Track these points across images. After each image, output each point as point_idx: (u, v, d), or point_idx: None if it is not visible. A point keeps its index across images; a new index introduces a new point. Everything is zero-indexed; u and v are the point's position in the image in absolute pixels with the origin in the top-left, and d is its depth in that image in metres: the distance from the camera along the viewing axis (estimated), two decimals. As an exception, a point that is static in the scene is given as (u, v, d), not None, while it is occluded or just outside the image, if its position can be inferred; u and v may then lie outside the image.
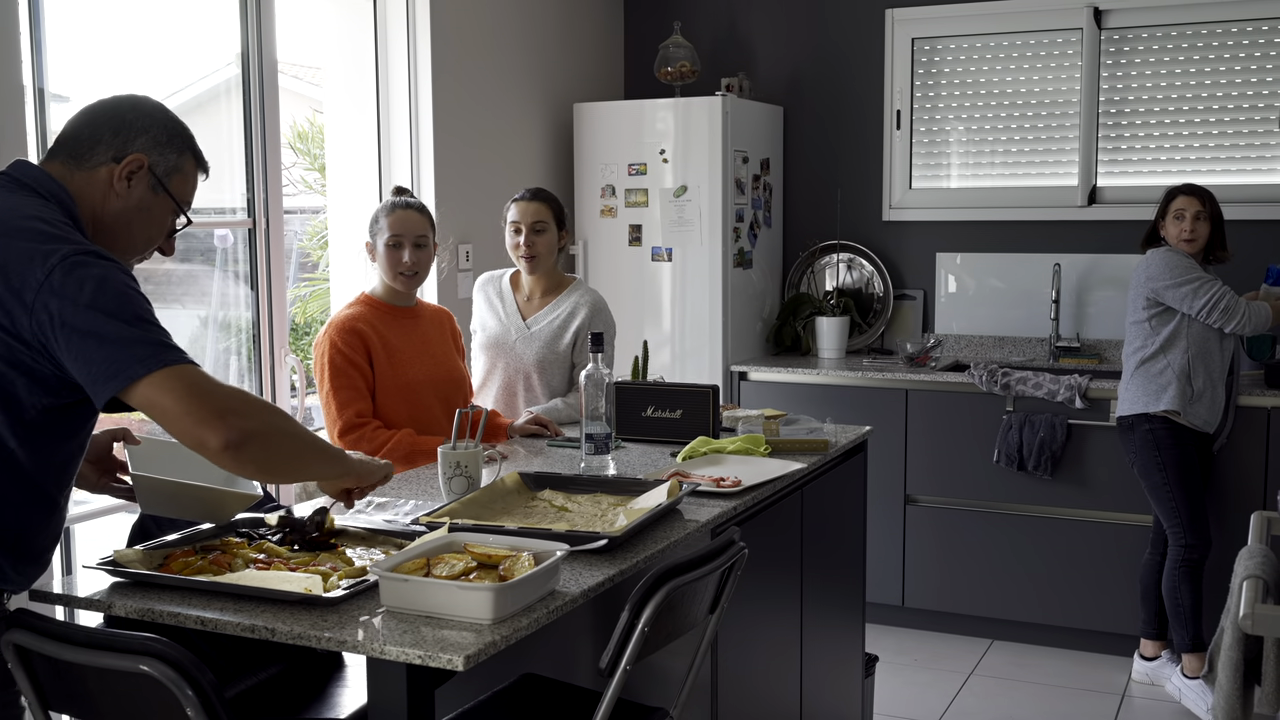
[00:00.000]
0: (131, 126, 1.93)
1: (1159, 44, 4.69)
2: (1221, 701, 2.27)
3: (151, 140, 1.93)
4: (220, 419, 1.71)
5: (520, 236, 3.48)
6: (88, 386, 1.73)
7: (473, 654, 1.69)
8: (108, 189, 1.90)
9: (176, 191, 1.97)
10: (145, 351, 1.71)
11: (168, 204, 1.96)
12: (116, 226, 1.92)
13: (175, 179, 1.96)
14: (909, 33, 5.02)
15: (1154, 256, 3.94)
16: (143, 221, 1.94)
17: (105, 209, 1.91)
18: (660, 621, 1.93)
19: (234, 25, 3.68)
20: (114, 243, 1.92)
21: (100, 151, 1.91)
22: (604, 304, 3.57)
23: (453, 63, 4.38)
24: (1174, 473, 3.91)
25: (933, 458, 4.54)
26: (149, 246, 2.00)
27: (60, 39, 3.16)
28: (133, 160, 1.91)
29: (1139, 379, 3.95)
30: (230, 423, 1.71)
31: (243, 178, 3.76)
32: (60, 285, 1.70)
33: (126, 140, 1.92)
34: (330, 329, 3.11)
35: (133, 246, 1.97)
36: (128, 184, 1.91)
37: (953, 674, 4.26)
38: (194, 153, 2.00)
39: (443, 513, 2.30)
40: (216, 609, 1.87)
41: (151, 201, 1.94)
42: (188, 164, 1.98)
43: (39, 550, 1.90)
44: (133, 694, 1.71)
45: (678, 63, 5.09)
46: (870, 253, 5.12)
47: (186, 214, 2.01)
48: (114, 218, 1.92)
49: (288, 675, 2.44)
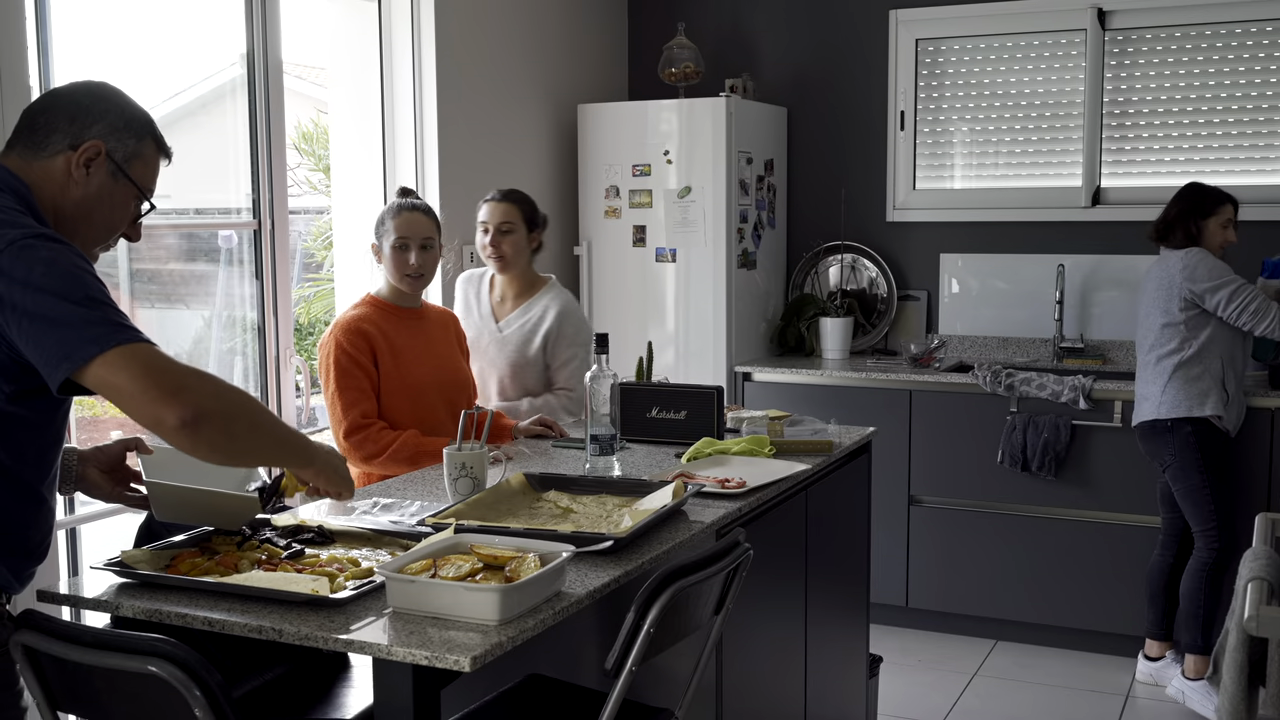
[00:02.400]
0: (88, 113, 1.91)
1: (1163, 45, 4.69)
2: (1226, 703, 2.27)
3: (108, 126, 1.91)
4: (175, 396, 1.68)
5: (488, 237, 3.50)
6: (42, 370, 1.70)
7: (479, 655, 1.69)
8: (66, 177, 1.88)
9: (138, 177, 1.94)
10: (97, 331, 1.68)
11: (129, 190, 1.94)
12: (77, 215, 1.90)
13: (135, 164, 1.94)
14: (913, 33, 5.02)
15: (1195, 257, 3.90)
16: (104, 209, 1.93)
17: (65, 198, 1.89)
18: (666, 622, 1.94)
19: (239, 25, 3.68)
20: (75, 231, 1.90)
21: (56, 140, 1.88)
22: (574, 307, 3.57)
23: (457, 64, 4.39)
24: (1215, 475, 3.91)
25: (936, 458, 4.54)
26: (112, 234, 1.98)
27: (66, 39, 3.16)
28: (89, 147, 1.88)
29: (1179, 382, 3.91)
30: (186, 400, 1.69)
31: (248, 178, 3.77)
32: (9, 268, 1.69)
33: (83, 127, 1.89)
34: (335, 330, 3.11)
35: (95, 234, 1.95)
36: (86, 171, 1.89)
37: (956, 674, 4.27)
38: (154, 137, 1.97)
39: (448, 514, 2.31)
40: (224, 610, 1.88)
41: (112, 188, 1.92)
42: (148, 149, 1.96)
43: (33, 546, 1.90)
44: (141, 695, 1.72)
45: (682, 64, 5.09)
46: (874, 253, 5.12)
47: (149, 199, 1.98)
48: (74, 206, 1.90)
49: (292, 676, 2.45)
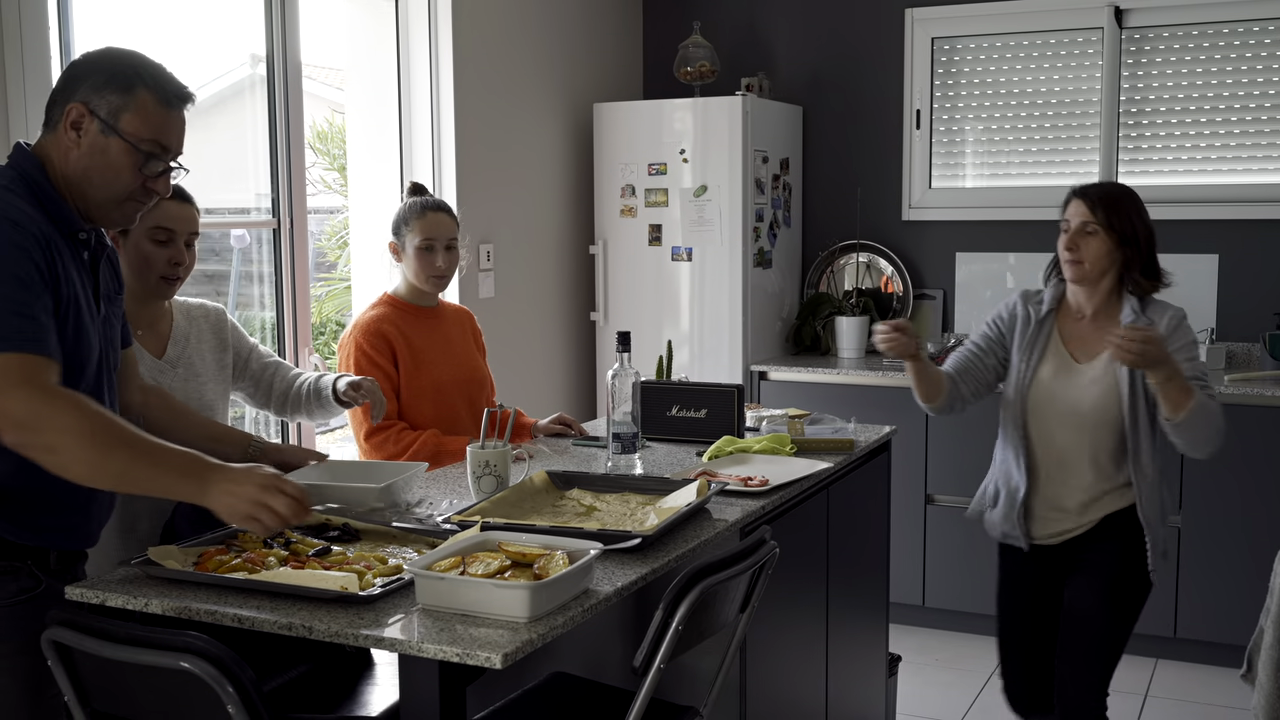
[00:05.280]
0: (74, 78, 1.97)
1: (1180, 43, 4.67)
2: (1263, 700, 2.26)
3: (90, 87, 1.95)
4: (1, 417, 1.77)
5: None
6: None
7: (510, 652, 1.69)
8: (65, 144, 1.95)
9: (130, 129, 1.95)
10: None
11: (121, 144, 1.95)
12: (80, 178, 1.96)
13: (125, 117, 1.95)
14: (929, 32, 5.02)
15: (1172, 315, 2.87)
16: (100, 167, 1.96)
17: (68, 163, 1.95)
18: (693, 620, 1.94)
19: (251, 25, 3.69)
20: (84, 194, 1.97)
21: (56, 111, 1.96)
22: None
23: (474, 63, 4.40)
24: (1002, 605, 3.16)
25: (953, 457, 4.53)
26: (124, 191, 1.99)
27: (88, 41, 3.18)
28: (70, 109, 1.94)
29: (1168, 478, 3.56)
30: (4, 422, 1.78)
31: (266, 177, 3.78)
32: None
33: (70, 93, 1.95)
34: (355, 331, 3.12)
35: (106, 194, 1.98)
36: (76, 134, 1.94)
37: (974, 674, 4.26)
38: (147, 86, 1.97)
39: (473, 512, 2.31)
40: (253, 607, 1.88)
41: (105, 145, 1.95)
42: (138, 99, 1.96)
43: (68, 500, 1.97)
44: (173, 691, 1.73)
45: (697, 62, 5.09)
46: (890, 252, 5.11)
47: (157, 151, 1.98)
48: (75, 169, 1.95)
49: (315, 675, 2.45)
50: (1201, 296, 4.64)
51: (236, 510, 1.86)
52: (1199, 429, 2.67)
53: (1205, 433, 2.68)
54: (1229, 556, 4.15)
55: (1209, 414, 2.67)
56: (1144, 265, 2.82)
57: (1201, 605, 4.20)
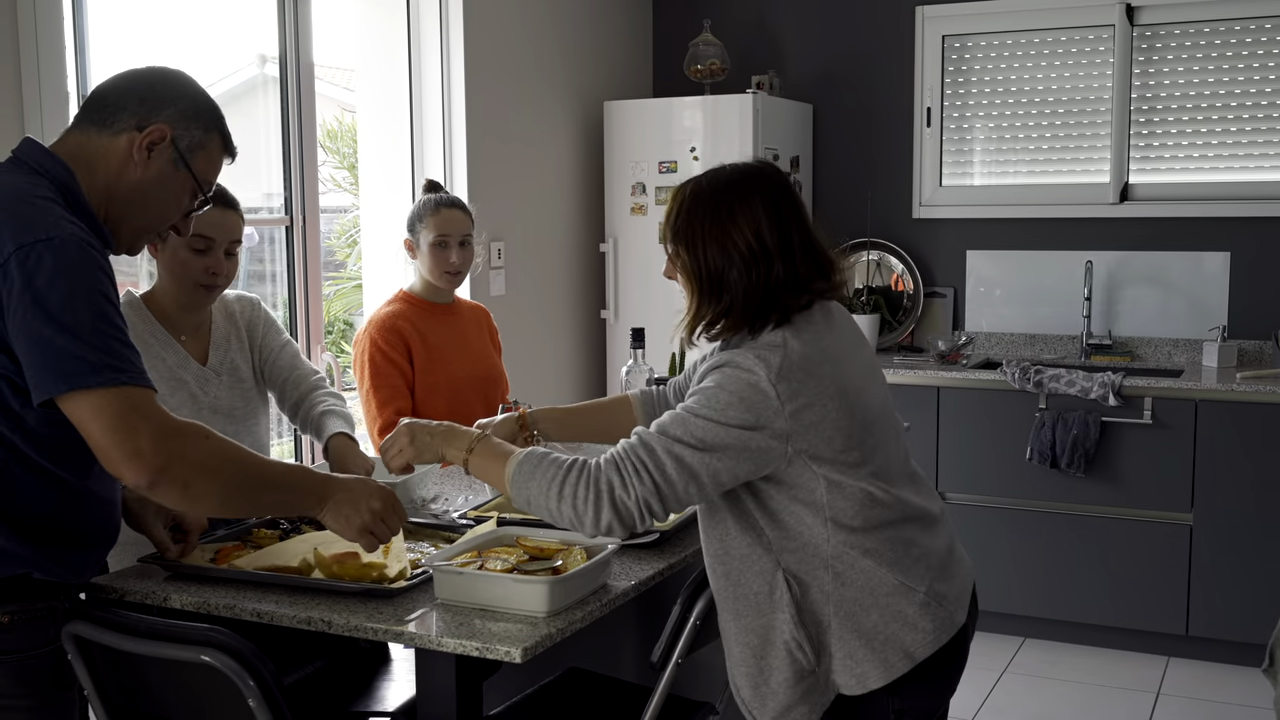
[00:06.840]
0: (160, 96, 1.84)
1: (1191, 40, 4.66)
2: None
3: (178, 113, 1.85)
4: (133, 460, 1.63)
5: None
6: (30, 379, 1.65)
7: (530, 646, 1.69)
8: (126, 158, 1.82)
9: (199, 169, 1.88)
10: (97, 362, 1.63)
11: (188, 181, 1.88)
12: (132, 198, 1.84)
13: (199, 156, 1.87)
14: (939, 30, 5.01)
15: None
16: (159, 196, 1.86)
17: (122, 179, 1.82)
18: (710, 615, 1.94)
19: (260, 24, 3.70)
20: (126, 215, 1.85)
21: (124, 118, 1.82)
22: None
23: (485, 61, 4.40)
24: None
25: (965, 455, 4.53)
26: (163, 224, 1.92)
27: (102, 42, 3.18)
28: (155, 130, 1.82)
29: None
30: (140, 465, 1.63)
31: (279, 176, 3.78)
32: (21, 272, 1.63)
33: (152, 109, 1.83)
34: (370, 327, 3.12)
35: (148, 222, 1.89)
36: (148, 155, 1.82)
37: (986, 671, 4.25)
38: (221, 133, 1.91)
39: (489, 507, 2.32)
40: (272, 601, 1.89)
41: (171, 176, 1.85)
42: (214, 143, 1.90)
43: (86, 537, 1.86)
44: (193, 685, 1.73)
45: (707, 60, 5.09)
46: (900, 250, 5.11)
47: (206, 194, 1.92)
48: (130, 189, 1.83)
49: (331, 670, 2.46)
50: (1213, 294, 4.64)
51: (354, 524, 1.84)
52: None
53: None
54: (1240, 554, 4.14)
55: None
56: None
57: (1213, 603, 4.20)
